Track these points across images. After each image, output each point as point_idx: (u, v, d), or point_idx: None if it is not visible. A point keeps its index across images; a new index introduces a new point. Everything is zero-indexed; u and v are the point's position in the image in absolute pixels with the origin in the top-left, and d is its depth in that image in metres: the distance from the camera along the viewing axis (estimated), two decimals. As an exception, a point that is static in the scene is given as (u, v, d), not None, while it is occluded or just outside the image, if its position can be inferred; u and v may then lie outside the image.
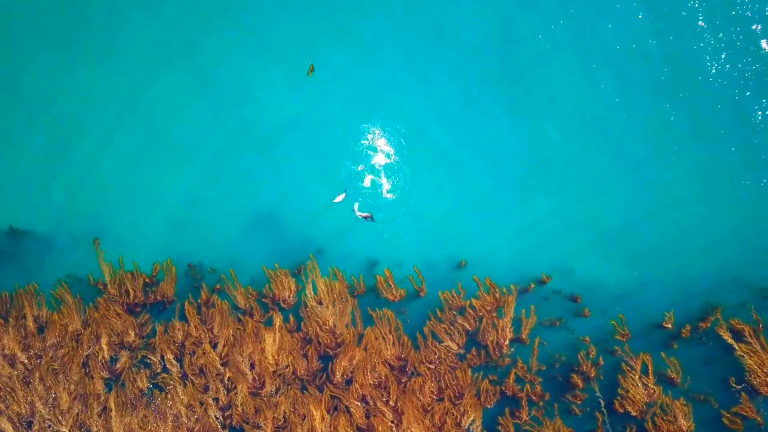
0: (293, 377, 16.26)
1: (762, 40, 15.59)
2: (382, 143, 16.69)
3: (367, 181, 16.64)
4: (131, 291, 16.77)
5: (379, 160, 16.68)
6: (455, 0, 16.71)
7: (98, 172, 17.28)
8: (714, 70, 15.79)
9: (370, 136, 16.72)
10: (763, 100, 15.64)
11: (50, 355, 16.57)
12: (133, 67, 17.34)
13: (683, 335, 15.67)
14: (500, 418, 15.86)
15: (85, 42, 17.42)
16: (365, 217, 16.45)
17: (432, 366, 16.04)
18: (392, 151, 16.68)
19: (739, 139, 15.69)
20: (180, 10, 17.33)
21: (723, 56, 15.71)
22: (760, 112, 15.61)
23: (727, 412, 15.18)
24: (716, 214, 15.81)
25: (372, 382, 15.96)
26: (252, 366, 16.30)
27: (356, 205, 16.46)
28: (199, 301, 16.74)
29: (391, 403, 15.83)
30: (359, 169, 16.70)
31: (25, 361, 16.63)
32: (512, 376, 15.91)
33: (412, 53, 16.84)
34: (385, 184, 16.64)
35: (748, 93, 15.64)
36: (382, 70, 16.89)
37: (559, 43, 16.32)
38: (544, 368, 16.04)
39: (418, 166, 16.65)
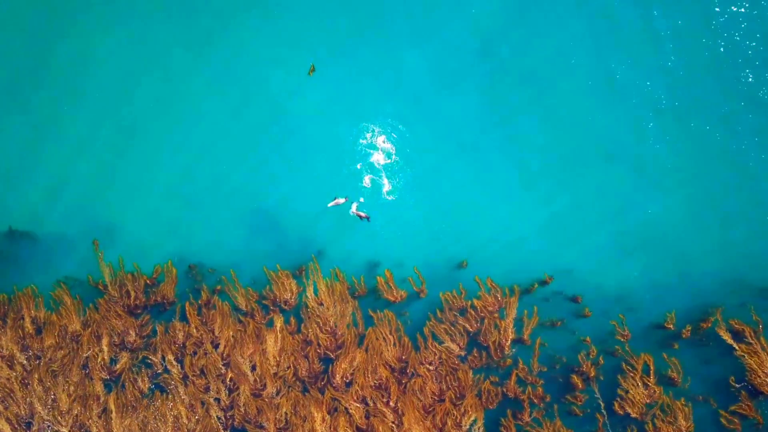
0: (294, 379, 16.23)
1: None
2: (381, 142, 16.68)
3: (366, 181, 16.62)
4: (132, 292, 16.70)
5: (379, 159, 16.66)
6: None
7: (98, 174, 17.25)
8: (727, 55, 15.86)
9: (368, 135, 16.71)
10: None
11: (49, 356, 16.48)
12: (133, 69, 17.34)
13: (684, 336, 15.71)
14: (502, 420, 15.87)
15: (85, 45, 17.41)
16: (361, 217, 16.39)
17: (432, 367, 16.03)
18: (393, 150, 16.66)
19: (744, 141, 15.84)
20: (183, 11, 17.33)
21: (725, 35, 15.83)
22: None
23: (726, 411, 15.23)
24: (716, 215, 15.89)
25: (373, 384, 15.95)
26: (253, 367, 16.27)
27: (354, 206, 16.40)
28: (200, 302, 16.69)
29: (391, 404, 15.81)
30: (358, 167, 16.67)
31: (24, 362, 16.53)
32: (513, 378, 15.91)
33: (414, 52, 16.86)
34: (385, 185, 16.62)
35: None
36: (385, 69, 16.92)
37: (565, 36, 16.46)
38: (545, 369, 16.05)
39: (419, 167, 16.66)
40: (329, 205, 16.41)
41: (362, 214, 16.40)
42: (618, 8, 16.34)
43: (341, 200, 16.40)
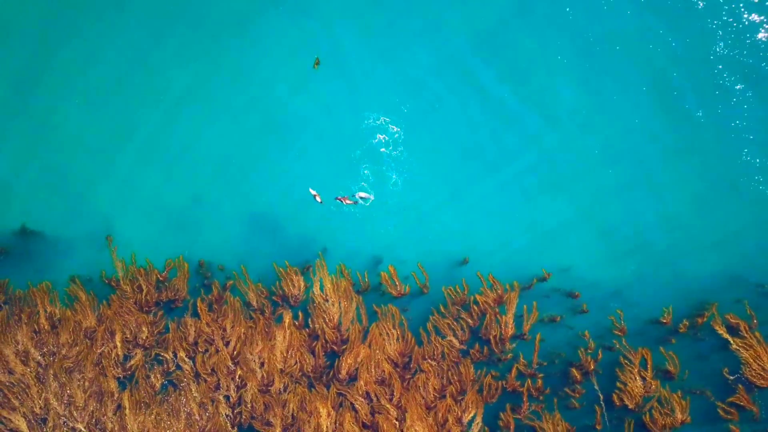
0: (301, 374, 16.60)
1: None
2: (387, 139, 16.84)
3: (369, 178, 16.87)
4: (144, 287, 16.99)
5: (383, 156, 16.84)
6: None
7: (107, 174, 17.50)
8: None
9: (369, 121, 16.85)
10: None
11: (64, 352, 16.82)
12: (135, 69, 17.51)
13: (680, 330, 16.01)
14: (501, 414, 16.23)
15: (90, 48, 17.62)
16: (345, 202, 16.58)
17: (434, 363, 16.39)
18: (399, 135, 16.80)
19: (737, 139, 16.05)
20: (182, 15, 17.54)
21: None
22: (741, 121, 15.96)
23: (723, 403, 15.56)
24: (713, 211, 16.12)
25: (376, 379, 16.31)
26: (262, 364, 16.66)
27: (358, 196, 16.70)
28: (210, 297, 17.01)
29: (394, 400, 16.17)
30: (354, 158, 16.89)
31: (39, 359, 16.90)
32: (513, 372, 16.26)
33: (414, 50, 17.04)
34: (390, 181, 16.83)
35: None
36: (386, 67, 17.10)
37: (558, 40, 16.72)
38: (545, 364, 16.38)
39: (422, 165, 16.88)
40: (310, 190, 16.68)
41: (348, 200, 16.58)
42: (619, 8, 16.56)
43: (319, 199, 16.66)
